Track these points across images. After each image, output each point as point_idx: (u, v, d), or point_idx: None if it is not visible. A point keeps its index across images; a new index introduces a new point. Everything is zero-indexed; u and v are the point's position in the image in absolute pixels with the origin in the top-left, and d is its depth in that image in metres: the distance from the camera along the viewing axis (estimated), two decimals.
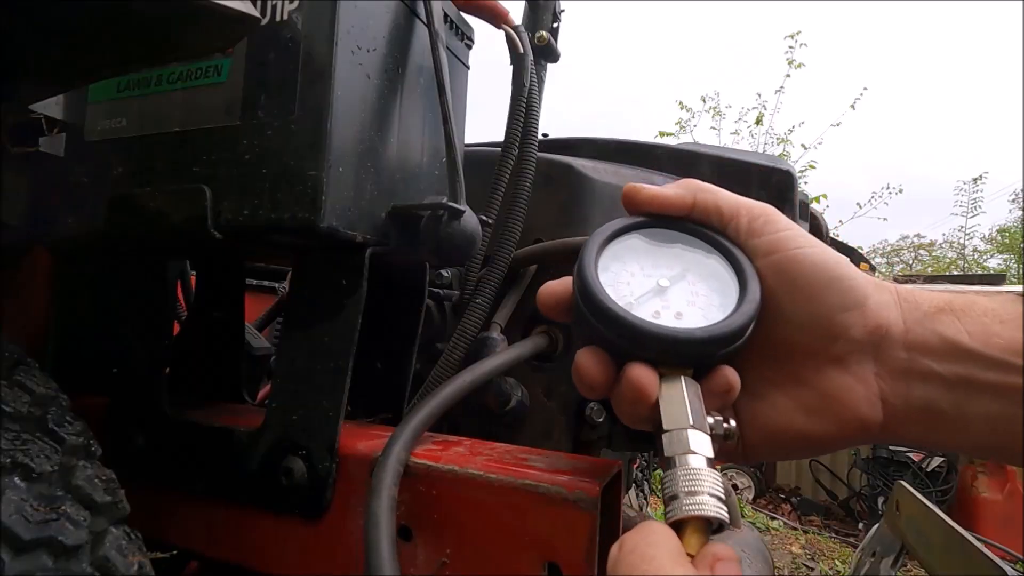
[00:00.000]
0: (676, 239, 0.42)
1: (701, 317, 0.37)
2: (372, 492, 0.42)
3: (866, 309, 0.37)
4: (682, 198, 0.41)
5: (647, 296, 0.38)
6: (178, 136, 0.54)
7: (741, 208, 0.40)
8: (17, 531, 0.35)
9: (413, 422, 0.47)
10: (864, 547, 1.28)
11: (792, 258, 0.38)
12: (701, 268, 0.40)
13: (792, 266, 0.38)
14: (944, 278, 4.51)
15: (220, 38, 0.41)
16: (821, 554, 3.64)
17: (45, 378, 0.44)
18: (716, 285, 0.39)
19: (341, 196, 0.50)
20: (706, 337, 0.35)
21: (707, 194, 0.41)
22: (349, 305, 0.52)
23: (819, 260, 0.38)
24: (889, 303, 0.37)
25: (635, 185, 0.42)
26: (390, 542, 0.39)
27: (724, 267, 0.40)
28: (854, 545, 3.64)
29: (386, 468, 0.43)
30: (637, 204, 0.42)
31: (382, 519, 0.40)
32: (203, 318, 0.72)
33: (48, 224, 0.60)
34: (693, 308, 0.38)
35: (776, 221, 0.40)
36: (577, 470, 0.44)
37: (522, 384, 0.73)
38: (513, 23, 0.74)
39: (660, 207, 0.42)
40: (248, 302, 0.76)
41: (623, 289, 0.38)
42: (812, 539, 3.92)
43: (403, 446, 0.45)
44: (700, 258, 0.41)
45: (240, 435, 0.55)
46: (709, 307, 0.38)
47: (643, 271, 0.40)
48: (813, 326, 0.37)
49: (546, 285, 0.42)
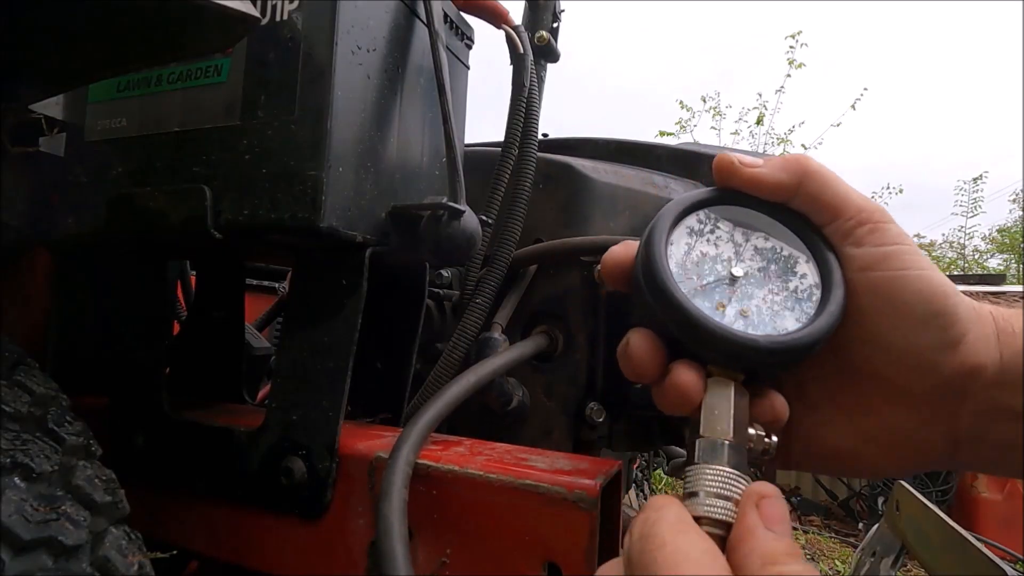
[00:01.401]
0: (763, 224, 0.37)
1: (768, 321, 0.34)
2: (382, 495, 0.41)
3: (963, 347, 0.33)
4: (784, 185, 0.36)
5: (715, 285, 0.35)
6: (178, 136, 0.54)
7: (849, 207, 0.35)
8: (17, 531, 0.35)
9: (421, 423, 0.47)
10: (864, 547, 1.27)
11: (893, 280, 0.33)
12: (782, 265, 0.36)
13: (891, 290, 0.33)
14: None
15: (220, 38, 0.41)
16: (821, 554, 3.64)
17: (45, 378, 0.44)
18: (795, 288, 0.35)
19: (341, 196, 0.50)
20: (767, 348, 0.32)
21: (813, 183, 0.35)
22: (349, 305, 0.52)
23: (924, 289, 0.33)
24: (988, 337, 0.34)
25: (731, 157, 0.37)
26: (403, 545, 0.38)
27: (810, 269, 0.36)
28: (854, 545, 3.64)
29: (395, 470, 0.43)
30: (730, 179, 0.37)
31: (394, 523, 0.39)
32: (203, 318, 0.72)
33: (48, 224, 0.60)
34: (762, 308, 0.35)
35: (884, 232, 0.34)
36: (577, 470, 0.44)
37: (522, 384, 0.73)
38: (513, 23, 0.74)
39: (757, 189, 0.36)
40: (248, 302, 0.76)
41: (691, 270, 0.35)
42: (812, 539, 3.92)
43: (411, 447, 0.45)
44: (785, 252, 0.36)
45: (240, 435, 0.55)
46: (780, 312, 0.34)
47: (718, 254, 0.36)
48: (899, 358, 0.34)
49: (611, 250, 0.38)
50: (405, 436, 0.46)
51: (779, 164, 0.36)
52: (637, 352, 0.35)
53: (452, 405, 0.50)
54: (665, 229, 0.36)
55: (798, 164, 0.36)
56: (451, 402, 0.50)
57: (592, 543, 0.40)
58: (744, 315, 0.34)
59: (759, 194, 0.37)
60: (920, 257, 0.34)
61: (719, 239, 0.37)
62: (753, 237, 0.37)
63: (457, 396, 0.51)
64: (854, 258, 0.34)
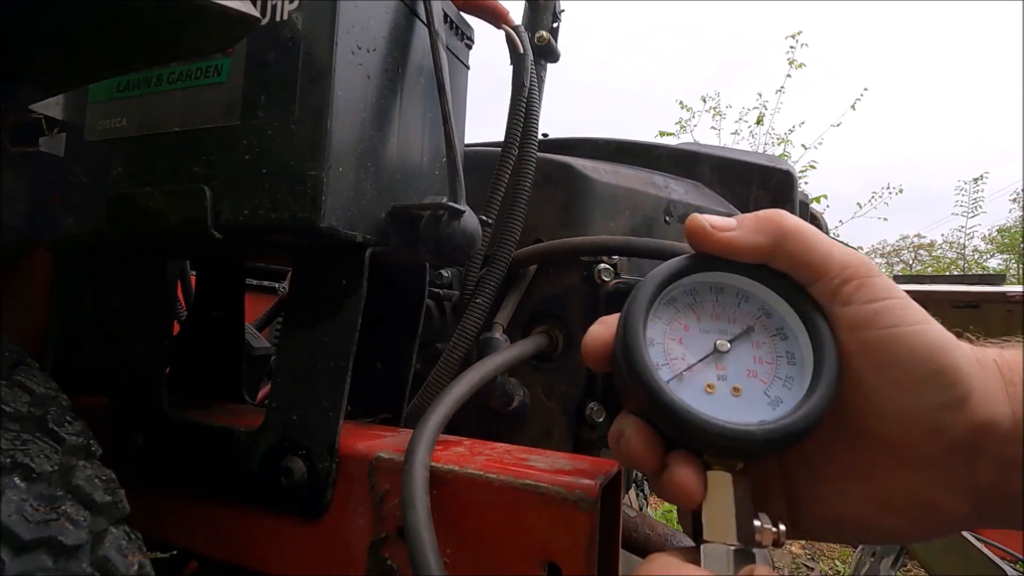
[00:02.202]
0: (746, 289, 0.36)
1: (762, 396, 0.32)
2: (407, 505, 0.40)
3: (969, 405, 0.31)
4: (761, 247, 0.34)
5: (701, 365, 0.33)
6: (178, 136, 0.54)
7: (832, 265, 0.33)
8: (17, 531, 0.35)
9: (431, 423, 0.46)
10: (864, 547, 1.27)
11: (886, 339, 0.31)
12: (769, 325, 0.34)
13: (885, 350, 0.32)
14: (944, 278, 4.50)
15: (220, 38, 0.41)
16: (821, 554, 3.64)
17: (45, 378, 0.44)
18: (785, 351, 0.34)
19: (341, 196, 0.50)
20: (763, 438, 0.30)
21: (792, 243, 0.34)
22: (349, 305, 0.52)
23: (920, 346, 0.31)
24: (996, 391, 0.31)
25: (701, 222, 0.35)
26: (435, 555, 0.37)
27: (800, 333, 0.34)
28: (854, 545, 3.64)
29: (415, 478, 0.41)
30: (703, 245, 0.36)
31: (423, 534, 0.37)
32: (203, 318, 0.72)
33: (48, 224, 0.60)
34: (754, 382, 0.33)
35: (872, 287, 0.32)
36: (577, 470, 0.44)
37: (522, 384, 0.73)
38: (513, 23, 0.74)
39: (733, 255, 0.35)
40: (248, 302, 0.76)
41: (675, 350, 0.34)
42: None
43: (425, 449, 0.44)
44: (772, 318, 0.35)
45: (240, 435, 0.55)
46: (773, 381, 0.33)
47: (700, 325, 0.35)
48: (901, 421, 0.32)
49: (591, 332, 0.37)
50: (417, 438, 0.45)
51: (753, 225, 0.35)
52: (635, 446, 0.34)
53: (458, 403, 0.50)
54: (642, 311, 0.34)
55: (773, 224, 0.34)
56: (457, 400, 0.50)
57: (592, 543, 0.40)
58: (736, 393, 0.33)
59: (736, 259, 0.35)
60: (912, 311, 0.32)
61: (702, 311, 0.35)
62: (737, 304, 0.35)
63: (463, 394, 0.50)
64: (843, 317, 0.33)
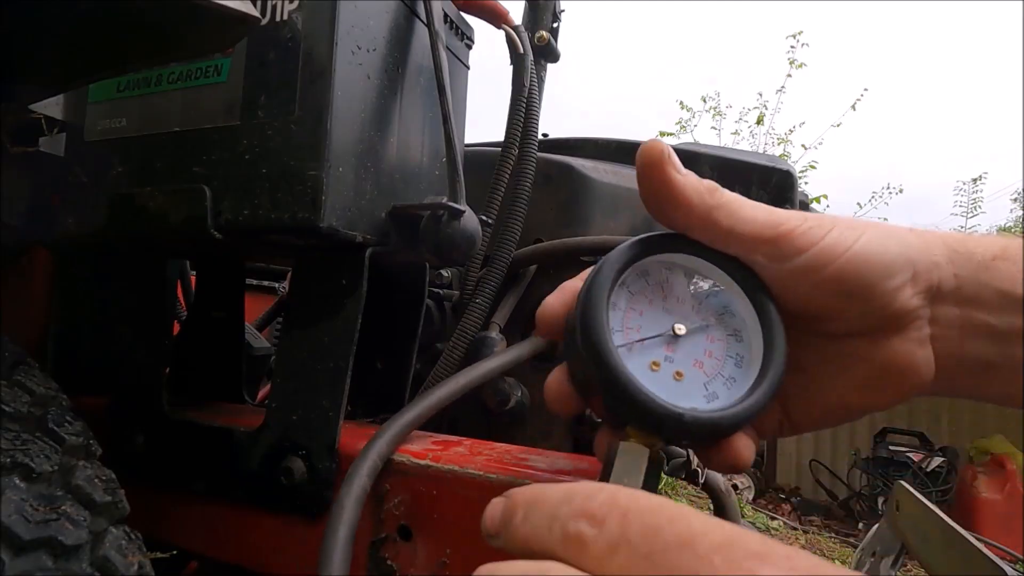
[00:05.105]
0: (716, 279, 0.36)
1: (701, 387, 0.33)
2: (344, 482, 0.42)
3: (916, 276, 0.34)
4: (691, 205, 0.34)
5: (653, 342, 0.34)
6: (178, 136, 0.54)
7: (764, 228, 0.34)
8: (17, 531, 0.35)
9: (401, 420, 0.47)
10: (864, 547, 1.27)
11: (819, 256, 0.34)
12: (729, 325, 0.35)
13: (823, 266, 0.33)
14: None
15: (220, 38, 0.41)
16: (821, 554, 3.64)
17: (45, 378, 0.44)
18: (736, 352, 0.34)
19: (341, 196, 0.50)
20: (689, 423, 0.31)
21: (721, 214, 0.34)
22: (349, 305, 0.52)
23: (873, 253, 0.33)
24: (939, 261, 0.35)
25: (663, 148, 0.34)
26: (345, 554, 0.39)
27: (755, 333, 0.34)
28: (854, 545, 3.64)
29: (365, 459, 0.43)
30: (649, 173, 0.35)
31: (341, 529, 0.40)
32: (203, 318, 0.72)
33: (48, 224, 0.60)
34: (698, 372, 0.33)
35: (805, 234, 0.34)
36: (577, 470, 0.44)
37: (522, 384, 0.73)
38: (513, 23, 0.74)
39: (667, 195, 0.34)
40: (248, 302, 0.76)
41: (633, 320, 0.34)
42: (812, 539, 3.92)
43: (387, 442, 0.45)
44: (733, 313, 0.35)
45: (240, 435, 0.55)
46: (715, 377, 0.34)
47: (664, 304, 0.35)
48: (868, 313, 0.34)
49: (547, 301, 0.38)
50: (382, 432, 0.46)
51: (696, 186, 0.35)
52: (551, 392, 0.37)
53: (438, 406, 0.50)
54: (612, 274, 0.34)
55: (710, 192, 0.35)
56: (437, 403, 0.50)
57: None
58: (678, 378, 0.33)
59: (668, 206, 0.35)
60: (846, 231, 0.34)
61: (670, 291, 0.35)
62: (706, 296, 0.36)
63: (445, 397, 0.50)
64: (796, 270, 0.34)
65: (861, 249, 0.33)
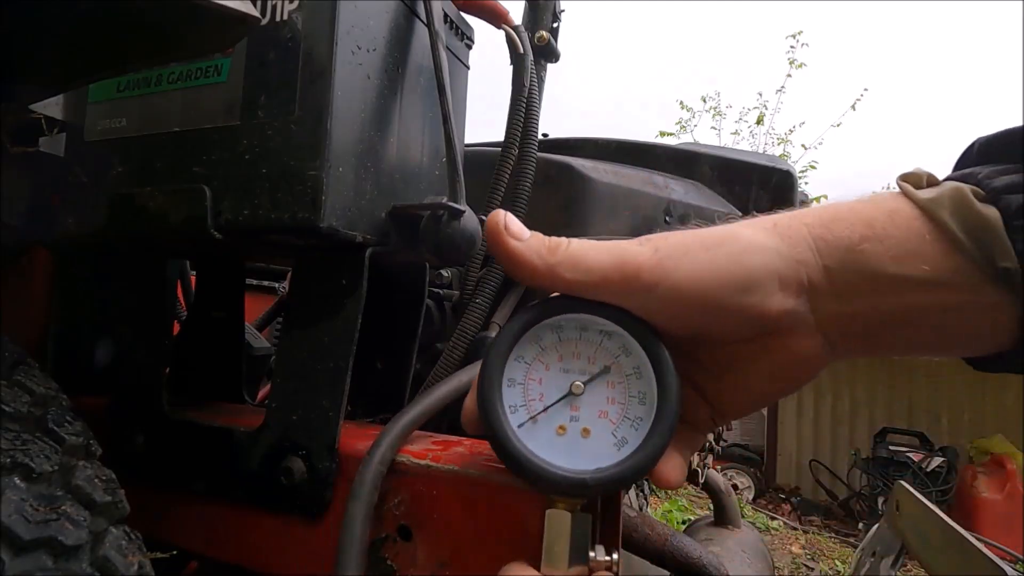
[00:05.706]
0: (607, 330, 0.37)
1: (610, 436, 0.35)
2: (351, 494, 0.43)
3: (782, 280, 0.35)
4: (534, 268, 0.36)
5: (558, 407, 0.35)
6: (178, 136, 0.54)
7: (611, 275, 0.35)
8: (17, 531, 0.35)
9: (403, 421, 0.47)
10: (864, 547, 1.27)
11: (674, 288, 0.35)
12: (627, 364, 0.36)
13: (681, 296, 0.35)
14: None
15: (220, 38, 0.41)
16: (821, 554, 3.64)
17: (45, 378, 0.44)
18: (639, 391, 0.36)
19: (341, 196, 0.50)
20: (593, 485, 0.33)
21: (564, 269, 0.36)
22: (349, 305, 0.52)
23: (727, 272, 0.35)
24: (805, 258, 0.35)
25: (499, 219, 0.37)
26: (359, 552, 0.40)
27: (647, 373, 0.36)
28: (854, 545, 3.64)
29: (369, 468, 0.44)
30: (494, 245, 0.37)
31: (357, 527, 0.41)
32: (203, 318, 0.72)
33: (48, 224, 0.60)
34: (604, 423, 0.35)
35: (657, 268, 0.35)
36: None
37: None
38: (513, 23, 0.74)
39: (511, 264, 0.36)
40: (248, 302, 0.76)
41: (534, 391, 0.36)
42: (812, 539, 3.92)
43: (389, 446, 0.46)
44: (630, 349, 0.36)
45: (240, 435, 0.55)
46: (622, 422, 0.35)
47: (561, 365, 0.36)
48: (744, 324, 0.36)
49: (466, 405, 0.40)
50: (384, 435, 0.46)
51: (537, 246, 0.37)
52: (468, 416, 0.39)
53: (436, 407, 0.50)
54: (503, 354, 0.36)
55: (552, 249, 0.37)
56: (435, 404, 0.50)
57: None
58: (585, 435, 0.35)
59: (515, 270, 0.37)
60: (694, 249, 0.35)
61: (565, 350, 0.37)
62: (599, 342, 0.37)
63: (442, 398, 0.51)
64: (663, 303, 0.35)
65: (713, 273, 0.35)
